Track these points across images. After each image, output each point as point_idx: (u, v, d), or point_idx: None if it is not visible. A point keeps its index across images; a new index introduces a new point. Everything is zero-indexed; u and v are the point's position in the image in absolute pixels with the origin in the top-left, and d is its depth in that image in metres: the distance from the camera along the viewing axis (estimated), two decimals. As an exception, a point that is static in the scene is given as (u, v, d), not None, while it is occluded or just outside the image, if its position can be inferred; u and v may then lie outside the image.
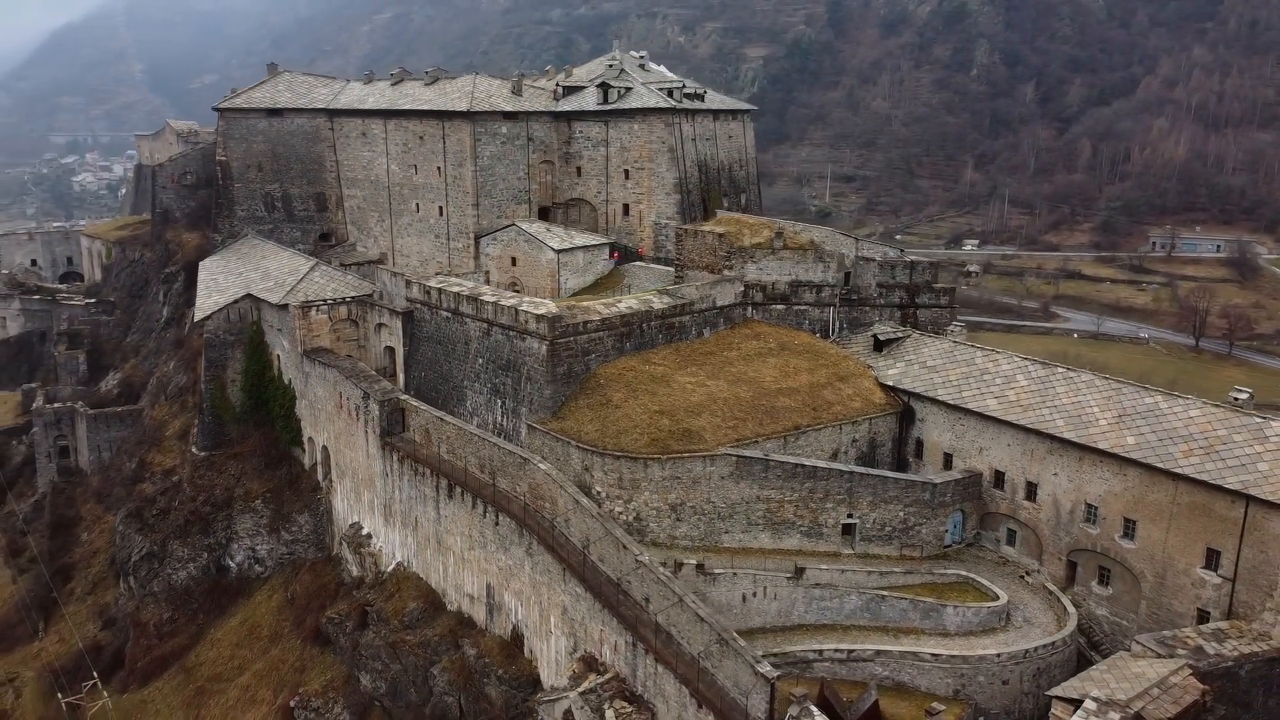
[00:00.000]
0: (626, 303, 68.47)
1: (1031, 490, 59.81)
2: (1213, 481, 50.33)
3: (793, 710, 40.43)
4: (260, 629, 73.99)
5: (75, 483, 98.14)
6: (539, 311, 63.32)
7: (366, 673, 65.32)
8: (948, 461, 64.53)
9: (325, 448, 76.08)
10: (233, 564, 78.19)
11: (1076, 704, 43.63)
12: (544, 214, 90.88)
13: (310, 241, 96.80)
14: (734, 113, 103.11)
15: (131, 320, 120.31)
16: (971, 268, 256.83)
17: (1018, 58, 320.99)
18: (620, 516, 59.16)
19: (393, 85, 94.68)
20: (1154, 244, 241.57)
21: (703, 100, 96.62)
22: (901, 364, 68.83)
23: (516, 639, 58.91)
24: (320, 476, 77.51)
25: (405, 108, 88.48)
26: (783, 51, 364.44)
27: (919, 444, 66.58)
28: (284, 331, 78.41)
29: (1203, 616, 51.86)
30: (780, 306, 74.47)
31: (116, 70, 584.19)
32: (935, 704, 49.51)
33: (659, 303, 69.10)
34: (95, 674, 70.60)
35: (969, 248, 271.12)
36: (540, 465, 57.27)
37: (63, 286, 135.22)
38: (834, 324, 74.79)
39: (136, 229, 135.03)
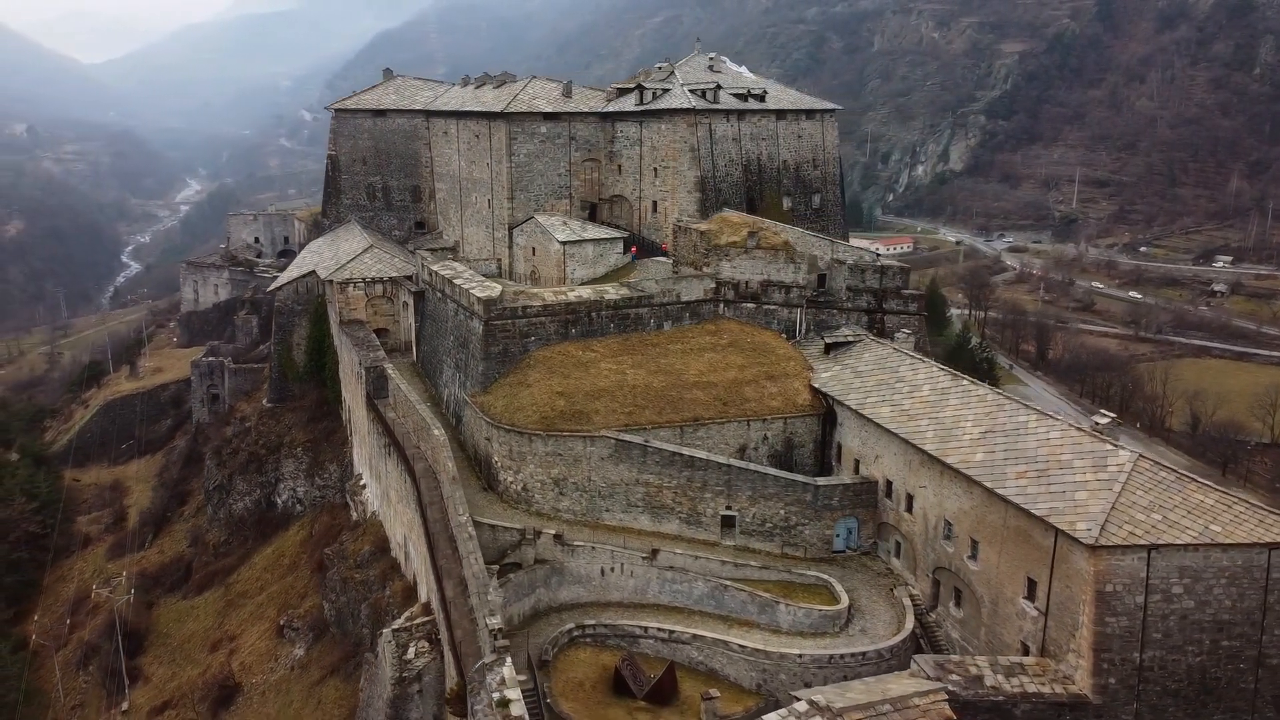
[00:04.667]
0: (578, 292, 72.87)
1: (910, 503, 58.31)
2: (1022, 505, 47.80)
3: (487, 659, 44.22)
4: (284, 558, 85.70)
5: (215, 424, 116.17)
6: (481, 294, 69.31)
7: (328, 602, 74.68)
8: (857, 468, 63.75)
9: (350, 406, 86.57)
10: (279, 501, 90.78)
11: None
12: (592, 209, 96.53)
13: (405, 229, 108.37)
14: (808, 112, 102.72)
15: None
16: (1217, 287, 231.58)
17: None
18: (511, 485, 64.32)
19: (476, 88, 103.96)
20: None
21: (762, 100, 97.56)
22: (837, 368, 68.29)
23: (416, 584, 65.62)
24: (349, 432, 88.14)
25: (468, 109, 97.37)
26: (1042, 46, 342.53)
27: (839, 448, 66.03)
28: (332, 304, 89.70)
29: (1026, 650, 49.17)
30: (751, 305, 75.55)
31: (424, 72, 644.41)
32: (712, 690, 50.81)
33: (613, 294, 72.77)
34: (124, 575, 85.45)
35: (1220, 264, 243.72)
36: (435, 431, 63.52)
37: (261, 260, 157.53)
38: (801, 325, 74.86)
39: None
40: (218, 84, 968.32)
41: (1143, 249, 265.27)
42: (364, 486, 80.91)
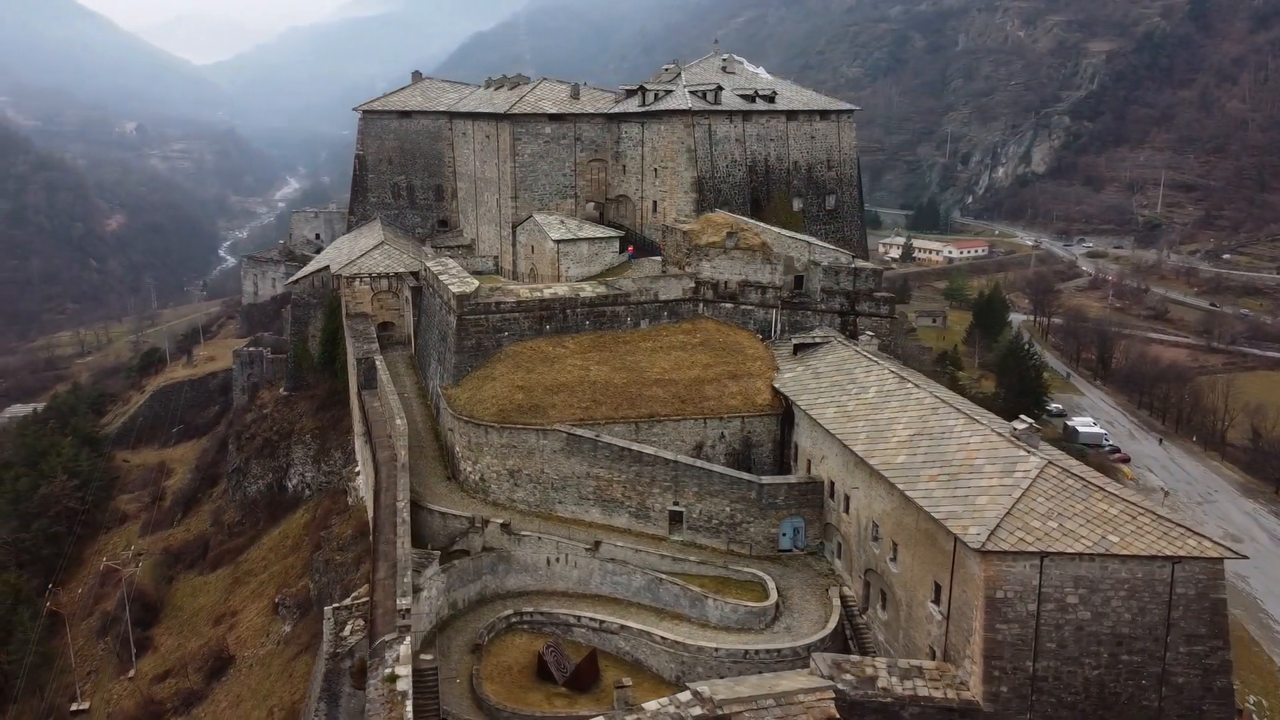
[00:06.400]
0: (553, 289, 74.56)
1: (848, 503, 58.40)
2: (925, 507, 47.76)
3: (387, 636, 46.28)
4: (288, 539, 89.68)
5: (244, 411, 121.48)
6: (456, 289, 71.67)
7: (313, 582, 78.11)
8: (810, 468, 63.95)
9: (352, 396, 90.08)
10: (289, 485, 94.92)
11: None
12: (601, 209, 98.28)
13: (428, 227, 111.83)
14: (822, 113, 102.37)
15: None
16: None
17: None
18: (470, 475, 66.54)
19: (494, 90, 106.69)
20: None
21: (771, 101, 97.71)
22: (800, 369, 68.47)
23: (380, 568, 68.25)
24: (352, 421, 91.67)
25: (481, 110, 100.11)
26: (1131, 46, 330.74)
27: (796, 448, 66.28)
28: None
29: (933, 654, 49.01)
30: (729, 305, 76.15)
31: (512, 73, 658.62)
32: (625, 679, 51.78)
33: (589, 291, 74.27)
34: (131, 550, 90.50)
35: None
36: (398, 421, 66.11)
37: (317, 254, 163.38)
38: (776, 325, 75.15)
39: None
40: (320, 85, 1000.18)
41: (1225, 256, 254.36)
42: (358, 473, 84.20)
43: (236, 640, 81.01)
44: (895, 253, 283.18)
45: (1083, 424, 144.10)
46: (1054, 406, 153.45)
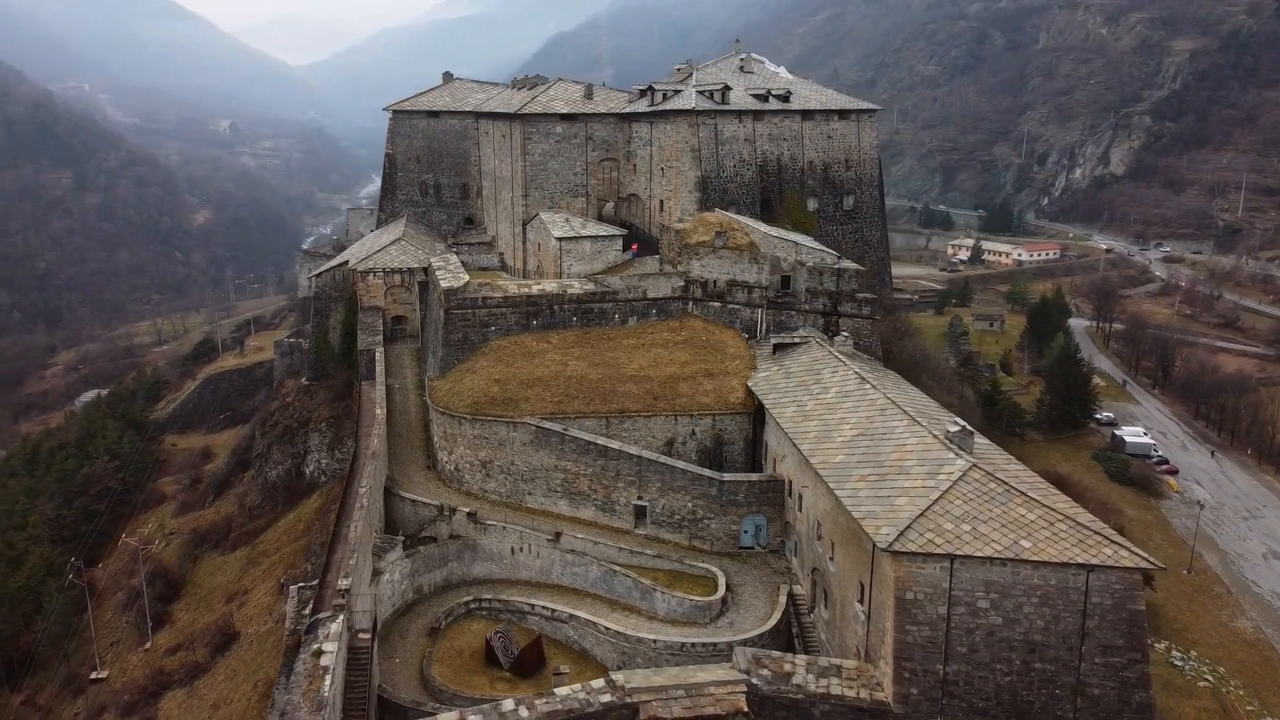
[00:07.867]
0: (541, 286, 76.26)
1: (801, 502, 58.67)
2: (848, 507, 47.95)
3: (324, 614, 48.43)
4: (300, 523, 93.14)
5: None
6: (445, 284, 73.90)
7: (310, 565, 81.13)
8: (774, 466, 64.32)
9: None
10: (307, 471, 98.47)
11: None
12: (615, 208, 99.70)
13: (454, 224, 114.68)
14: (840, 112, 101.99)
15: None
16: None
17: None
18: (446, 465, 68.64)
19: (516, 91, 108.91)
20: None
21: (786, 100, 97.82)
22: (775, 368, 68.80)
23: (362, 552, 70.81)
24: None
25: (499, 110, 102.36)
26: (1216, 44, 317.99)
27: (766, 447, 66.67)
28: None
29: (860, 654, 49.18)
30: (717, 304, 76.80)
31: (590, 74, 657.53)
32: (563, 666, 53.22)
33: (576, 288, 75.78)
34: (164, 527, 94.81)
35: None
36: (378, 411, 68.65)
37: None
38: (761, 325, 75.47)
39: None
40: (409, 85, 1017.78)
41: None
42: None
43: (243, 618, 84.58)
44: (964, 254, 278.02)
45: (1131, 433, 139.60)
46: (1104, 415, 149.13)
